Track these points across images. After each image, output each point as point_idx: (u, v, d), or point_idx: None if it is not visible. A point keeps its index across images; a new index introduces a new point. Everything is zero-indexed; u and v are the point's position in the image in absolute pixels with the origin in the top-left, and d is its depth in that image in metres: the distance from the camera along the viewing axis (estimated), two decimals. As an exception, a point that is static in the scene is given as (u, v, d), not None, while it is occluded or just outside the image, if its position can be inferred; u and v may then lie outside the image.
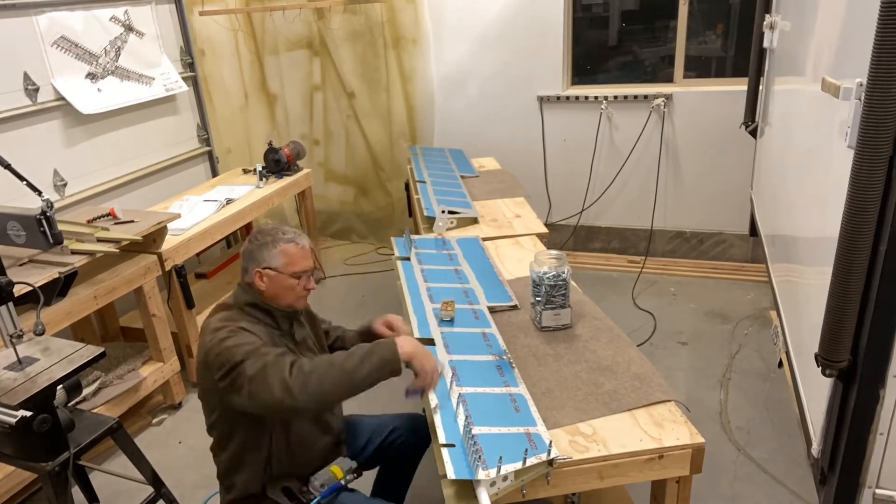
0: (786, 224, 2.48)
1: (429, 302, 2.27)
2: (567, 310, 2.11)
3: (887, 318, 1.41)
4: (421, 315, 2.18)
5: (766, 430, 2.77)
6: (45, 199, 2.30)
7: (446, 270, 2.55)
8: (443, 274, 2.52)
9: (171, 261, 3.11)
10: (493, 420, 1.62)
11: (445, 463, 1.50)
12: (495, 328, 2.11)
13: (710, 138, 4.09)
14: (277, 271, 1.77)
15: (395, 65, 4.53)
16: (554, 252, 2.18)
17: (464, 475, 1.45)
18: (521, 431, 1.58)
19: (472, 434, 1.54)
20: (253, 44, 4.74)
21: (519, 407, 1.69)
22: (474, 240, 2.86)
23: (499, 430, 1.58)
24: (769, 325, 3.43)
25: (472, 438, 1.52)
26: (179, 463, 2.84)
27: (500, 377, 1.82)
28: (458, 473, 1.45)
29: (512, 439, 1.55)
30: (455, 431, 1.60)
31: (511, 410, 1.67)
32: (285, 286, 1.79)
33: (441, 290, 2.36)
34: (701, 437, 1.58)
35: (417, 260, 2.64)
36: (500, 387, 1.78)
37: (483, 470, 1.43)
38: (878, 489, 1.57)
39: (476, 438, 1.52)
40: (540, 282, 2.08)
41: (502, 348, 1.97)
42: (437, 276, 2.50)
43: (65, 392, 1.92)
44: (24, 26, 3.09)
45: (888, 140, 1.27)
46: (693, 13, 4.02)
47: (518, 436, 1.56)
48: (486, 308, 2.24)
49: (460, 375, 1.81)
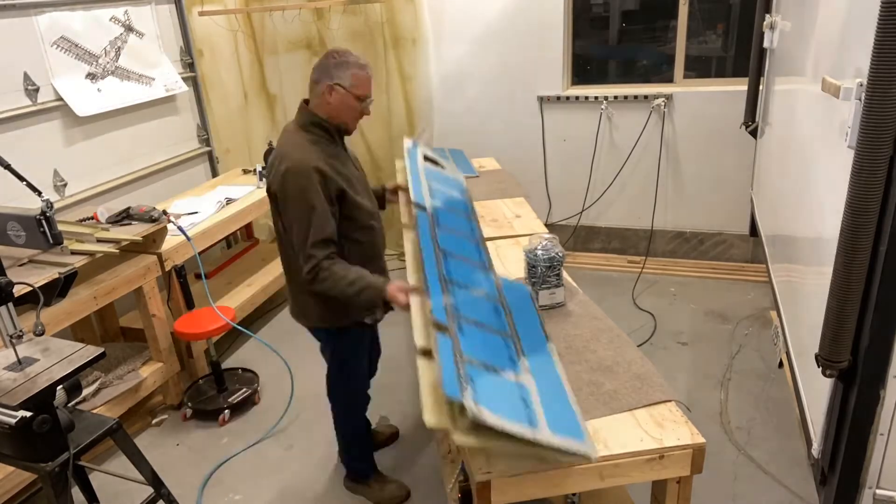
0: (786, 224, 2.48)
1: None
2: (561, 289, 2.20)
3: (887, 318, 1.41)
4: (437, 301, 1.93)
5: (766, 431, 2.77)
6: (45, 200, 2.30)
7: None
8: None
9: (170, 261, 3.11)
10: (489, 357, 1.58)
11: (436, 375, 1.36)
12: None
13: (710, 138, 4.08)
14: (346, 90, 2.03)
15: (395, 65, 4.53)
16: (547, 234, 2.24)
17: (453, 393, 1.31)
18: (511, 380, 1.54)
19: (468, 363, 1.45)
20: (252, 44, 4.74)
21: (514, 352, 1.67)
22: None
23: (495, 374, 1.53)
24: (769, 326, 3.43)
25: (467, 365, 1.43)
26: (179, 463, 2.83)
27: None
28: (449, 388, 1.32)
29: (508, 391, 1.49)
30: (448, 351, 1.47)
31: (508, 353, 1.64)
32: (348, 105, 2.06)
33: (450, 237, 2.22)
34: (701, 438, 1.58)
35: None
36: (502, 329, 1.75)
37: (475, 406, 1.30)
38: (878, 489, 1.57)
39: (470, 372, 1.43)
40: (535, 263, 2.16)
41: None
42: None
43: (65, 392, 1.92)
44: (24, 26, 3.09)
45: (888, 140, 1.27)
46: (693, 13, 4.02)
47: (512, 388, 1.51)
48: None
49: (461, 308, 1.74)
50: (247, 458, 2.84)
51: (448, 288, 1.80)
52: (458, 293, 1.82)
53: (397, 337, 3.69)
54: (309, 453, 2.85)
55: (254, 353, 3.67)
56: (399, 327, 3.71)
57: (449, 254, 2.02)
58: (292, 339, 3.80)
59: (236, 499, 2.62)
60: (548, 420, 1.46)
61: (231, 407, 3.10)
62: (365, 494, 2.56)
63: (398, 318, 3.92)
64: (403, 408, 3.09)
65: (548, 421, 1.46)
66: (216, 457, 2.86)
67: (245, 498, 2.62)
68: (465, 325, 1.67)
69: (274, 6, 4.48)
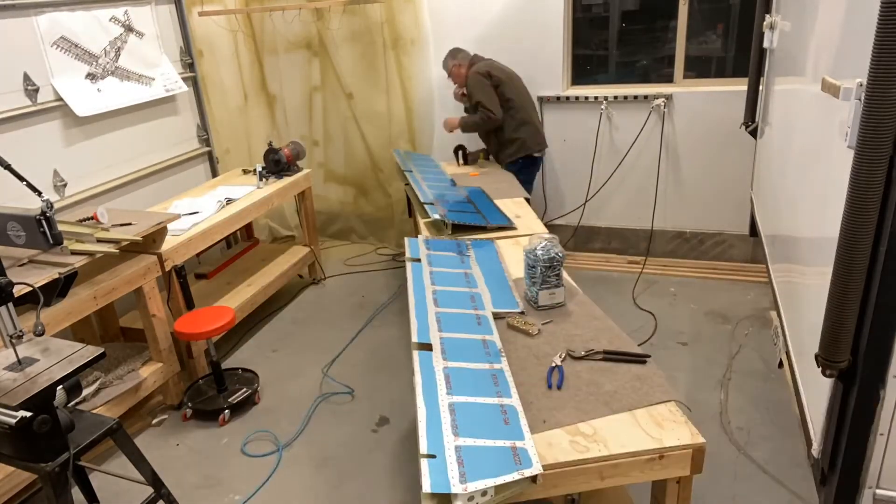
0: (786, 224, 2.48)
1: (433, 306, 2.26)
2: (561, 289, 2.19)
3: (887, 318, 1.41)
4: (422, 320, 2.17)
5: (766, 431, 2.77)
6: (45, 200, 2.30)
7: (456, 274, 2.54)
8: (452, 277, 2.50)
9: (170, 261, 3.11)
10: (480, 431, 1.60)
11: (423, 475, 1.47)
12: (497, 335, 2.09)
13: (710, 138, 4.09)
14: None
15: (395, 65, 4.53)
16: (547, 235, 2.24)
17: (441, 488, 1.42)
18: (506, 445, 1.56)
19: (457, 446, 1.52)
20: (252, 44, 4.74)
21: (509, 419, 1.67)
22: (489, 243, 2.85)
23: (484, 442, 1.56)
24: (769, 326, 3.43)
25: (459, 450, 1.50)
26: (179, 463, 2.83)
27: (493, 386, 1.81)
28: (435, 486, 1.43)
29: (497, 453, 1.53)
30: (439, 442, 1.57)
31: (500, 422, 1.65)
32: None
33: (447, 293, 2.36)
34: (701, 438, 1.58)
35: (428, 261, 2.63)
36: (492, 397, 1.76)
37: (461, 483, 1.41)
38: (878, 489, 1.57)
39: (460, 450, 1.51)
40: (535, 263, 2.15)
41: (498, 348, 1.97)
42: (446, 278, 2.49)
43: (65, 392, 1.92)
44: (24, 26, 3.09)
45: (888, 140, 1.27)
46: (693, 13, 4.02)
47: (503, 450, 1.54)
48: (490, 314, 2.23)
49: (454, 384, 1.80)
50: (247, 458, 2.84)
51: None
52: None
53: (396, 337, 3.69)
54: (309, 453, 2.85)
55: (254, 353, 3.67)
56: (392, 328, 3.71)
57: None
58: (292, 339, 3.81)
59: (236, 499, 2.62)
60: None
61: (231, 407, 3.10)
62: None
63: (394, 318, 3.93)
64: (405, 408, 3.09)
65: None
66: (216, 457, 2.86)
67: (245, 498, 2.62)
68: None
69: (274, 6, 4.48)
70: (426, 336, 2.07)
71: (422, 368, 1.88)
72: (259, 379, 3.33)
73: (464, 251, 2.75)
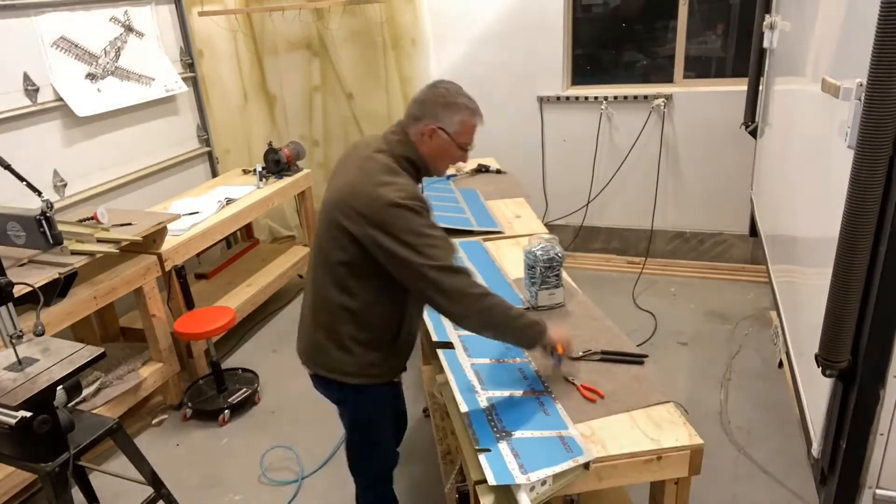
0: (786, 224, 2.48)
1: None
2: (560, 289, 2.17)
3: (887, 318, 1.41)
4: (436, 317, 2.14)
5: (766, 431, 2.77)
6: (45, 200, 2.30)
7: None
8: None
9: (170, 261, 3.11)
10: (526, 423, 1.62)
11: (484, 468, 1.47)
12: None
13: (710, 138, 4.08)
14: (450, 137, 1.75)
15: (395, 65, 4.53)
16: (546, 235, 2.23)
17: (505, 480, 1.43)
18: (554, 435, 1.58)
19: (512, 437, 1.55)
20: (252, 44, 4.74)
21: (548, 410, 1.69)
22: (476, 243, 2.85)
23: (532, 433, 1.58)
24: (769, 326, 3.43)
25: (510, 442, 1.53)
26: (179, 463, 2.83)
27: (524, 380, 1.82)
28: (499, 479, 1.43)
29: (547, 443, 1.55)
30: (489, 435, 1.58)
31: (541, 413, 1.67)
32: (448, 153, 1.78)
33: None
34: (699, 439, 1.58)
35: None
36: (525, 390, 1.78)
37: (523, 474, 1.43)
38: (878, 489, 1.57)
39: (513, 443, 1.53)
40: (534, 264, 2.14)
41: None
42: None
43: (65, 392, 1.92)
44: (23, 26, 3.09)
45: (888, 140, 1.27)
46: (693, 13, 4.02)
47: (552, 440, 1.56)
48: None
49: (485, 379, 1.81)
50: (247, 459, 2.84)
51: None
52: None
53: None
54: (310, 453, 2.85)
55: (254, 353, 3.67)
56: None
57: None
58: (292, 339, 3.81)
59: (236, 499, 2.62)
60: None
61: (231, 407, 3.10)
62: None
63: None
64: (408, 403, 3.08)
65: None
66: (216, 457, 2.86)
67: (245, 498, 2.62)
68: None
69: (274, 6, 4.48)
70: (444, 334, 2.05)
71: (450, 366, 1.88)
72: (259, 379, 3.33)
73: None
